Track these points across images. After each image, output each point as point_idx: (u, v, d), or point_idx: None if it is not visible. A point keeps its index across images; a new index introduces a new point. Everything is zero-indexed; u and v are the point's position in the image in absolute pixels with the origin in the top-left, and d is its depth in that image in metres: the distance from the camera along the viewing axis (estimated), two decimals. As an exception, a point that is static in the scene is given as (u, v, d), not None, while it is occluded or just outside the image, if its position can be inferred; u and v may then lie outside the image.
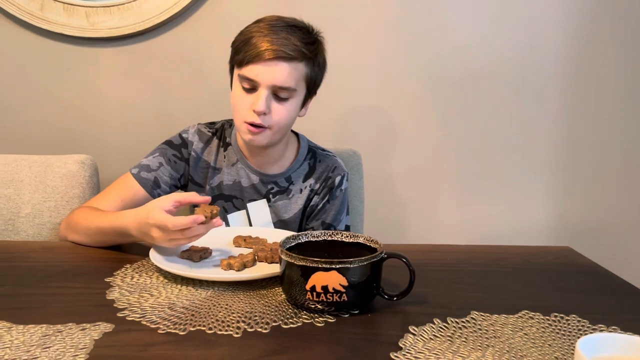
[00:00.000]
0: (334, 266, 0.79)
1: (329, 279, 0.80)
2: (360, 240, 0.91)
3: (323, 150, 1.37)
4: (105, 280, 0.92)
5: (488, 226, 2.05)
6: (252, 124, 1.16)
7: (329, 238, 0.93)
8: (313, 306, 0.81)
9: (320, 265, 0.80)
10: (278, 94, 1.16)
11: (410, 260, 0.83)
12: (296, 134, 1.37)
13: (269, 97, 1.15)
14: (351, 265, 0.80)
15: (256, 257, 0.99)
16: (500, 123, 1.97)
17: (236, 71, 1.18)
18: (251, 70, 1.14)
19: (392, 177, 2.00)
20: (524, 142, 1.99)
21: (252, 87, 1.16)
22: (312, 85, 1.23)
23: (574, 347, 0.54)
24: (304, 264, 0.81)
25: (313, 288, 0.80)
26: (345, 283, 0.80)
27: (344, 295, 0.80)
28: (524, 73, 1.91)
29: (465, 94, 1.93)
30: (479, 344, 0.73)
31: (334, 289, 0.80)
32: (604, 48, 1.91)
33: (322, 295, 0.80)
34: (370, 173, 1.79)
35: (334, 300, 0.80)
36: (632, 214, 2.03)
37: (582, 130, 1.97)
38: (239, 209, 1.31)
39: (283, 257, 0.83)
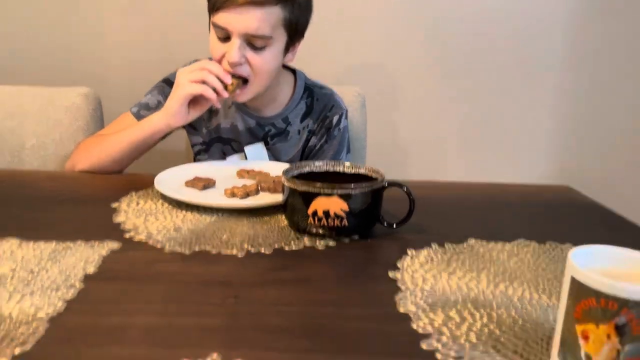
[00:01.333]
0: (335, 191, 0.81)
1: (330, 204, 0.82)
2: (362, 171, 0.92)
3: (321, 87, 1.33)
4: (111, 205, 0.94)
5: (490, 174, 2.06)
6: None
7: (331, 169, 0.94)
8: (314, 231, 0.83)
9: (322, 191, 0.81)
10: (253, 42, 1.09)
11: (411, 190, 0.85)
12: (293, 71, 1.32)
13: (242, 47, 1.09)
14: (352, 192, 0.81)
15: (259, 187, 1.00)
16: (504, 71, 1.94)
17: (210, 18, 1.12)
18: (222, 18, 1.08)
19: (395, 123, 2.00)
20: (528, 90, 1.97)
21: (225, 36, 1.10)
22: (293, 30, 1.14)
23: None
24: (306, 189, 0.82)
25: (315, 213, 0.82)
26: (347, 208, 0.81)
27: (345, 220, 0.82)
28: (528, 22, 1.87)
29: (469, 42, 1.90)
30: (475, 267, 0.75)
31: (335, 214, 0.82)
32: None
33: (324, 220, 0.82)
34: (373, 117, 1.79)
35: (335, 225, 0.82)
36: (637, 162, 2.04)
37: (585, 79, 1.95)
38: (237, 152, 1.31)
39: (286, 183, 0.85)
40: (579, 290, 0.50)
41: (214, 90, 1.07)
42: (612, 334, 0.48)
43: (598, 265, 0.52)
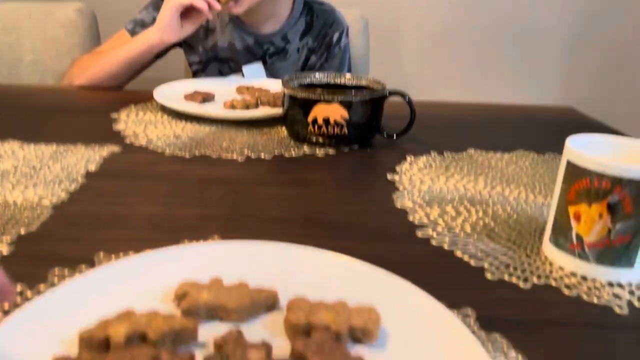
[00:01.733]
0: (336, 98, 0.80)
1: (330, 112, 0.81)
2: (364, 82, 0.91)
3: (321, 4, 1.29)
4: (111, 116, 0.94)
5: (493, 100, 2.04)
6: None
7: (332, 80, 0.93)
8: (314, 140, 0.84)
9: (322, 97, 0.80)
10: None
11: (412, 99, 0.84)
12: None
13: None
14: (353, 99, 0.81)
15: (259, 102, 1.00)
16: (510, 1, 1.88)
17: None
18: None
19: (399, 51, 1.96)
20: (533, 21, 1.91)
21: None
22: None
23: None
24: (306, 96, 0.81)
25: (315, 120, 0.82)
26: (347, 116, 0.81)
27: (345, 129, 0.82)
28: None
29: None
30: (473, 172, 0.76)
31: (335, 121, 0.81)
32: None
33: (324, 127, 0.82)
34: (376, 42, 1.74)
35: (335, 133, 0.82)
36: None
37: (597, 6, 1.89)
38: (235, 72, 1.29)
39: (286, 91, 0.84)
40: (574, 172, 0.50)
41: (207, 2, 1.05)
42: (604, 213, 0.49)
43: (595, 152, 0.52)
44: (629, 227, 0.48)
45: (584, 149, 0.51)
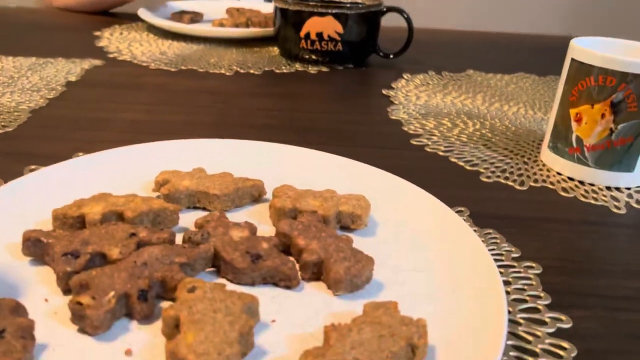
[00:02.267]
0: (330, 11, 0.76)
1: (324, 25, 0.77)
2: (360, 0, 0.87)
3: None
4: (94, 33, 0.90)
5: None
6: None
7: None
8: (307, 57, 0.80)
9: (315, 10, 0.76)
10: None
11: (410, 17, 0.80)
12: None
13: None
14: (348, 12, 0.77)
15: (249, 22, 0.95)
16: None
17: None
18: None
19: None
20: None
21: None
22: None
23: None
24: (298, 8, 0.77)
25: (307, 35, 0.78)
26: (341, 30, 0.77)
27: (339, 45, 0.78)
28: None
29: None
30: (471, 90, 0.73)
31: (329, 36, 0.78)
32: None
33: (317, 43, 0.78)
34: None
35: (329, 49, 0.79)
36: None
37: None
38: None
39: (278, 5, 0.80)
40: (577, 71, 0.48)
41: None
42: (607, 112, 0.47)
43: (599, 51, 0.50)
44: (632, 128, 0.46)
45: (589, 47, 0.48)
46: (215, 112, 0.61)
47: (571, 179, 0.50)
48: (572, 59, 0.48)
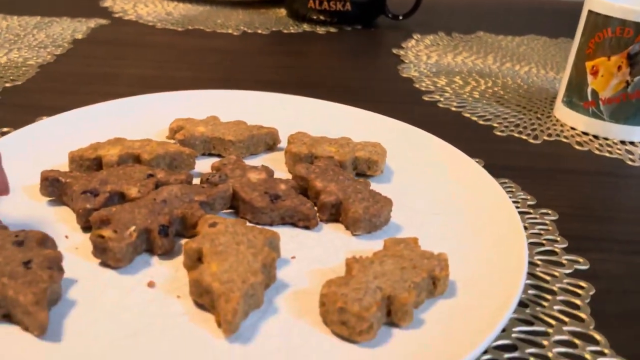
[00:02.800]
0: (339, -31, 0.75)
1: (333, -15, 0.76)
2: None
3: None
4: (98, -6, 0.88)
5: None
6: None
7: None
8: (315, 17, 0.79)
9: (324, -32, 0.75)
10: None
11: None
12: None
13: None
14: (357, -30, 0.75)
15: (255, -16, 0.94)
16: None
17: None
18: None
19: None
20: None
21: None
22: None
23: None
24: (307, -34, 0.76)
25: (316, -5, 0.77)
26: (350, -10, 0.76)
27: (348, 4, 0.77)
28: None
29: None
30: (482, 51, 0.72)
31: (337, -4, 0.77)
32: None
33: (325, 3, 0.77)
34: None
35: (337, 9, 0.77)
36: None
37: None
38: None
39: (285, -37, 0.78)
40: (594, 23, 0.47)
41: None
42: (623, 65, 0.46)
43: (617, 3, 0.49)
44: (649, 80, 0.46)
45: (608, 1, 0.47)
46: (224, 69, 0.60)
47: (585, 133, 0.50)
48: (589, 11, 0.47)
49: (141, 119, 0.41)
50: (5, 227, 0.27)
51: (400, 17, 0.82)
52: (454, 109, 0.53)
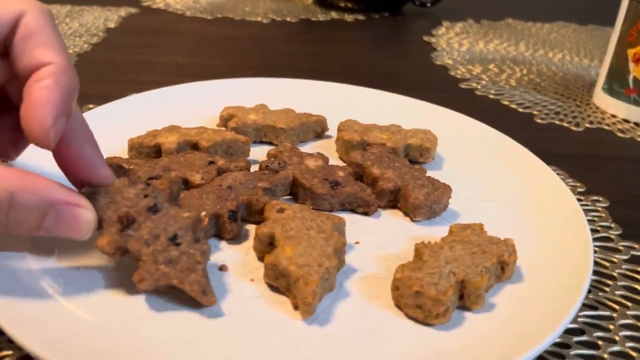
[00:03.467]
0: (368, -45, 0.74)
1: (361, -28, 0.76)
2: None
3: None
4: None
5: None
6: None
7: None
8: (343, 5, 0.78)
9: (353, -45, 0.75)
10: None
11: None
12: None
13: None
14: (386, -43, 0.75)
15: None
16: None
17: None
18: None
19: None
20: None
21: None
22: None
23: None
24: (335, -46, 0.75)
25: (344, -18, 0.77)
26: (379, -23, 0.76)
27: (376, -9, 0.77)
28: None
29: None
30: (513, 38, 0.71)
31: (366, -17, 0.76)
32: None
33: (353, -10, 0.77)
34: None
35: (365, -3, 0.77)
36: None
37: None
38: None
39: (312, -50, 0.78)
40: (636, 10, 0.46)
41: None
42: (670, 51, 0.46)
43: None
44: (695, 67, 0.46)
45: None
46: (257, 56, 0.60)
47: (626, 120, 0.49)
48: (634, -3, 0.47)
49: (189, 106, 0.42)
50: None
51: (428, 5, 0.81)
52: (491, 96, 0.53)
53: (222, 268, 0.26)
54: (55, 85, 0.22)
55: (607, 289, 0.29)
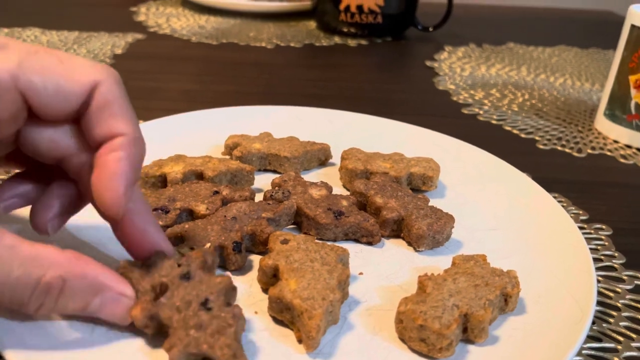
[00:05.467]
0: (370, -18, 0.76)
1: (364, -2, 0.77)
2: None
3: None
4: (130, 9, 0.90)
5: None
6: None
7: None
8: (346, 30, 0.80)
9: (356, -18, 0.76)
10: None
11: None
12: None
13: None
14: (389, -16, 0.76)
15: (284, -3, 0.95)
16: None
17: None
18: None
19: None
20: None
21: None
22: None
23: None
24: (339, -20, 0.77)
25: (347, 8, 0.77)
26: (381, 3, 0.76)
27: (379, 17, 0.78)
28: None
29: None
30: (514, 62, 0.72)
31: (369, 8, 0.77)
32: None
33: (357, 16, 0.78)
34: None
35: (368, 22, 0.78)
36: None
37: None
38: None
39: (317, -23, 0.79)
40: (638, 37, 0.47)
41: None
42: (670, 78, 0.46)
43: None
44: (695, 93, 0.46)
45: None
46: (263, 82, 0.61)
47: (629, 146, 0.50)
48: (632, 25, 0.48)
49: (195, 135, 0.42)
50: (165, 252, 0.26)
51: (430, 29, 0.82)
52: (494, 122, 0.53)
53: (226, 300, 0.27)
54: (126, 157, 0.23)
55: (611, 320, 0.29)
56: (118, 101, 0.24)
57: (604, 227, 0.37)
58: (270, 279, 0.26)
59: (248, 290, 0.28)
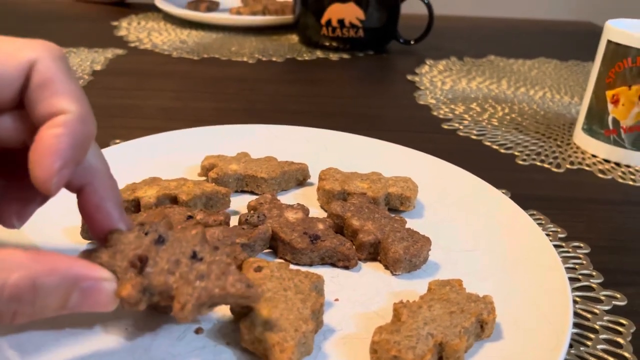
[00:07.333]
0: (352, -3, 0.76)
1: (345, 12, 0.77)
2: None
3: None
4: (111, 23, 0.89)
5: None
6: None
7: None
8: (328, 44, 0.80)
9: (337, -4, 0.76)
10: None
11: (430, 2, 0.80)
12: None
13: None
14: (370, -2, 0.77)
15: (266, 11, 0.95)
16: None
17: None
18: None
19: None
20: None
21: None
22: None
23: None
24: (320, -5, 0.77)
25: (329, 22, 0.78)
26: (362, 17, 0.77)
27: (360, 31, 0.78)
28: None
29: None
30: (495, 75, 0.73)
31: (350, 23, 0.77)
32: None
33: (338, 30, 0.78)
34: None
35: (350, 35, 0.78)
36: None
37: None
38: None
39: (297, -8, 0.79)
40: (614, 53, 0.48)
41: None
42: (645, 94, 0.47)
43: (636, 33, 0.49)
44: (670, 109, 0.47)
45: (624, 28, 0.48)
46: (244, 98, 0.60)
47: (607, 160, 0.50)
48: (609, 41, 0.48)
49: (170, 155, 0.42)
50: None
51: (412, 42, 0.83)
52: (474, 137, 0.53)
53: (197, 331, 0.26)
54: (66, 133, 0.22)
55: (589, 342, 0.29)
56: (59, 77, 0.22)
57: (582, 245, 0.37)
58: (242, 308, 0.26)
59: (220, 320, 0.27)
